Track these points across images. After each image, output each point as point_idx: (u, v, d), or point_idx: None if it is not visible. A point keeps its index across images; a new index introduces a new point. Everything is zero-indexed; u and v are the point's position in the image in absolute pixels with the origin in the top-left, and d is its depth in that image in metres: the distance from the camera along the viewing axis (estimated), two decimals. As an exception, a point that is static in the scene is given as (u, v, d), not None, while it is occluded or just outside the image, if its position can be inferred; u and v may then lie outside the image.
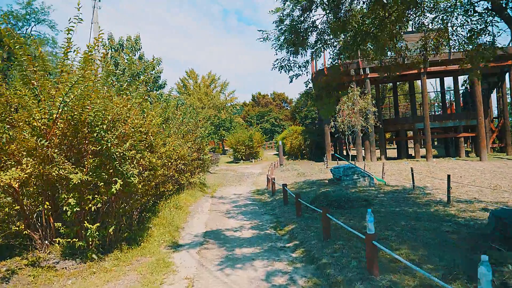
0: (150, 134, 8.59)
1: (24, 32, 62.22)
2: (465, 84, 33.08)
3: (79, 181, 6.06)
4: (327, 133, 30.86)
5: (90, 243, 6.76)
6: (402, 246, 6.08)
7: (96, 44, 6.80)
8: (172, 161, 11.97)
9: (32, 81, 5.83)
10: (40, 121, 5.96)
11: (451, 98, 42.24)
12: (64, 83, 6.08)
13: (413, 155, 30.81)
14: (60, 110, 5.87)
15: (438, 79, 42.04)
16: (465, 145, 34.87)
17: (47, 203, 6.59)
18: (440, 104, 45.83)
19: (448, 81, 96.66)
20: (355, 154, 28.59)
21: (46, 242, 6.94)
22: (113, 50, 35.90)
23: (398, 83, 38.50)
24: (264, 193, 14.88)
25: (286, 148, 36.03)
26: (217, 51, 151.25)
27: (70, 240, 6.57)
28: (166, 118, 13.96)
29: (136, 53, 37.89)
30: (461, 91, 32.53)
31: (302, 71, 10.43)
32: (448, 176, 9.78)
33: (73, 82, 5.68)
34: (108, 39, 35.60)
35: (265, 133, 66.13)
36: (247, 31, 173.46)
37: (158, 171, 9.34)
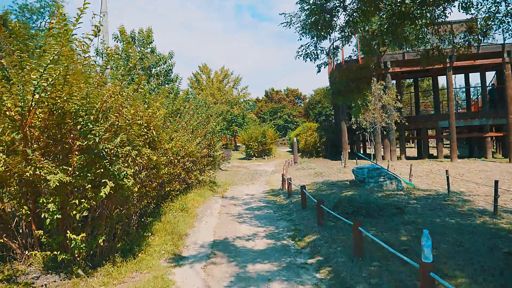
0: (152, 127, 7.50)
1: (38, 26, 62.21)
2: (492, 81, 31.32)
3: (60, 183, 4.99)
4: (344, 130, 29.47)
5: (77, 255, 5.70)
6: (458, 273, 4.84)
7: (96, 28, 5.72)
8: (179, 158, 10.88)
9: (1, 60, 4.75)
10: (13, 109, 4.89)
11: (473, 95, 40.22)
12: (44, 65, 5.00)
13: (434, 154, 29.24)
14: (35, 97, 4.79)
15: (455, 76, 40.14)
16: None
17: (25, 207, 5.54)
18: (460, 101, 43.97)
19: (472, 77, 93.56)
20: (373, 153, 27.17)
21: (27, 252, 5.92)
22: (124, 43, 35.08)
23: (419, 78, 36.81)
24: (279, 194, 13.70)
25: (300, 145, 34.73)
26: (229, 47, 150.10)
27: (51, 252, 5.54)
28: (174, 111, 12.88)
29: (148, 46, 37.08)
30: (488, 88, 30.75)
31: (331, 58, 9.16)
32: (496, 182, 8.45)
33: (48, 62, 4.56)
34: (120, 32, 34.83)
35: (278, 129, 64.79)
36: (260, 27, 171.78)
37: (161, 170, 8.26)
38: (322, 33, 8.36)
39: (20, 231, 5.98)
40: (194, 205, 11.26)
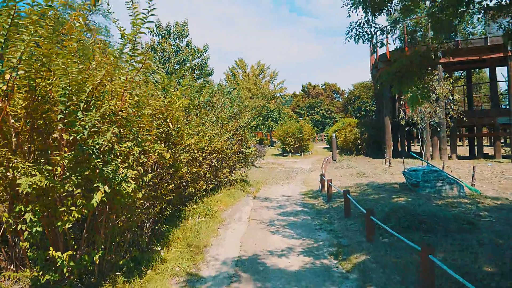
0: (169, 120, 6.31)
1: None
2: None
3: (38, 188, 3.87)
4: (388, 126, 27.35)
5: (67, 275, 4.61)
6: None
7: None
8: (204, 155, 9.70)
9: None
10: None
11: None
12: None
13: (490, 154, 26.51)
14: (6, 77, 3.67)
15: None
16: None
17: (5, 214, 4.50)
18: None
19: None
20: (422, 151, 24.92)
21: (13, 266, 4.92)
22: (160, 36, 34.77)
23: (472, 70, 33.73)
24: (317, 197, 12.24)
25: (339, 142, 32.87)
26: (266, 42, 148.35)
27: (38, 270, 4.49)
28: (201, 103, 11.73)
29: (183, 39, 36.54)
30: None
31: (388, 36, 7.67)
32: None
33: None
34: (156, 25, 34.41)
35: (315, 125, 62.84)
36: (298, 22, 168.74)
37: (181, 170, 7.08)
38: (378, 4, 6.79)
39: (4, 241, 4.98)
40: (221, 208, 10.04)
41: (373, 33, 7.54)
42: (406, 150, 30.43)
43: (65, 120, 4.02)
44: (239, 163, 13.89)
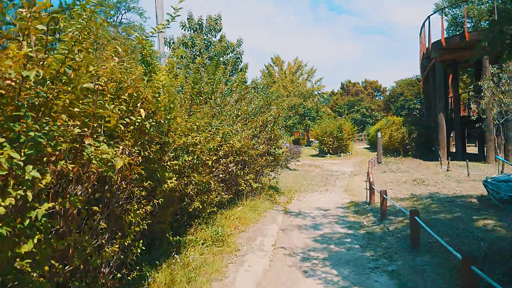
0: (141, 105, 3.98)
1: (115, 20, 63.83)
2: None
3: None
4: (442, 124, 23.89)
5: None
6: None
7: None
8: (216, 157, 7.34)
9: None
10: None
11: None
12: None
13: None
14: None
15: None
16: None
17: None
18: None
19: None
20: (476, 152, 21.32)
21: None
22: (192, 30, 33.22)
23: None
24: (365, 212, 9.54)
25: (383, 142, 29.55)
26: (304, 41, 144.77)
27: None
28: (218, 91, 9.40)
29: (216, 34, 34.75)
30: None
31: None
32: None
33: None
34: (188, 18, 32.80)
35: (355, 124, 59.42)
36: (336, 20, 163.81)
37: (167, 183, 4.75)
38: None
39: None
40: (238, 228, 7.63)
41: None
42: (461, 151, 26.71)
43: None
44: (267, 167, 11.42)
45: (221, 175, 8.11)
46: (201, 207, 6.86)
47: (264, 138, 10.90)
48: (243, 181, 9.19)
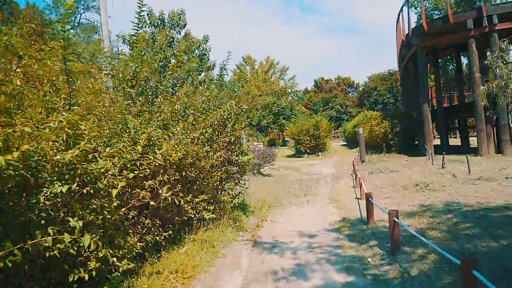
0: None
1: (73, 20, 59.46)
2: None
3: None
4: (427, 116, 21.75)
5: None
6: None
7: None
8: (138, 179, 4.49)
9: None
10: None
11: None
12: None
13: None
14: None
15: None
16: None
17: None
18: None
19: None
20: (459, 144, 19.25)
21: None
22: (153, 27, 30.26)
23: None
24: (365, 238, 6.84)
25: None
26: (276, 41, 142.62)
27: None
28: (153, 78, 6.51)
29: (180, 30, 31.87)
30: None
31: None
32: None
33: None
34: (148, 14, 29.80)
35: (331, 121, 57.79)
36: (308, 19, 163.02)
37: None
38: None
39: None
40: (174, 285, 4.78)
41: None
42: (445, 143, 24.74)
43: None
44: (229, 180, 8.57)
45: (153, 203, 5.23)
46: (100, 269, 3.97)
47: (223, 142, 8.05)
48: (190, 208, 6.30)
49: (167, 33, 29.19)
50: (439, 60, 31.27)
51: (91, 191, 4.05)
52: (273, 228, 8.23)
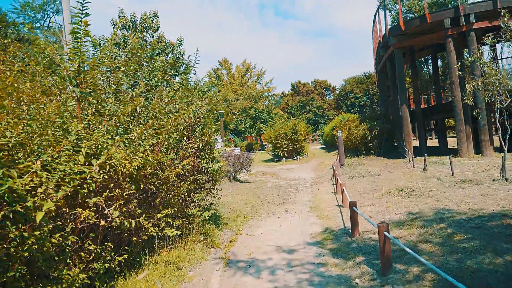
0: None
1: (42, 24, 57.04)
2: None
3: None
4: (407, 117, 21.45)
5: None
6: None
7: None
8: (81, 196, 3.57)
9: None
10: None
11: None
12: None
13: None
14: None
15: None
16: None
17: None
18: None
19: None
20: (437, 145, 19.01)
21: None
22: (125, 29, 29.24)
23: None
24: (350, 253, 6.11)
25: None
26: (253, 45, 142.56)
27: None
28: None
29: (154, 33, 30.94)
30: None
31: None
32: None
33: None
34: (119, 16, 28.65)
35: (308, 124, 57.69)
36: (284, 24, 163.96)
37: None
38: None
39: None
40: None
41: None
42: (423, 144, 24.59)
43: None
44: (199, 191, 7.70)
45: (103, 222, 4.34)
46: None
47: (191, 148, 7.19)
48: (150, 225, 5.42)
49: (140, 35, 28.14)
50: (416, 61, 31.32)
51: (11, 215, 3.18)
52: (249, 242, 7.42)
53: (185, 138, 7.26)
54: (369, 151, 24.69)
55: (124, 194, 4.73)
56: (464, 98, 10.13)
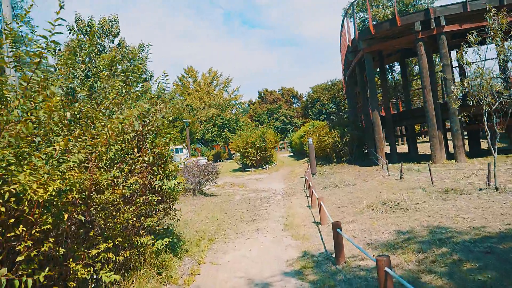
0: None
1: (-8, 30, 53.66)
2: None
3: None
4: (378, 124, 20.90)
5: None
6: None
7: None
8: None
9: None
10: None
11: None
12: None
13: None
14: None
15: None
16: None
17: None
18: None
19: None
20: (407, 151, 18.55)
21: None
22: (82, 34, 27.15)
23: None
24: (335, 285, 5.00)
25: (308, 149, 26.07)
26: (219, 54, 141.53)
27: None
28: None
29: (114, 39, 29.07)
30: None
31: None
32: None
33: None
34: (76, 20, 26.67)
35: (277, 132, 57.11)
36: (250, 33, 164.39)
37: None
38: None
39: None
40: None
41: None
42: (395, 151, 24.21)
43: None
44: (151, 214, 6.39)
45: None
46: None
47: (141, 163, 5.87)
48: (81, 267, 4.06)
49: (98, 40, 26.35)
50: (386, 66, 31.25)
51: None
52: (214, 274, 6.15)
53: (134, 151, 5.94)
54: (341, 158, 23.99)
55: (34, 231, 3.38)
56: (445, 100, 9.37)
